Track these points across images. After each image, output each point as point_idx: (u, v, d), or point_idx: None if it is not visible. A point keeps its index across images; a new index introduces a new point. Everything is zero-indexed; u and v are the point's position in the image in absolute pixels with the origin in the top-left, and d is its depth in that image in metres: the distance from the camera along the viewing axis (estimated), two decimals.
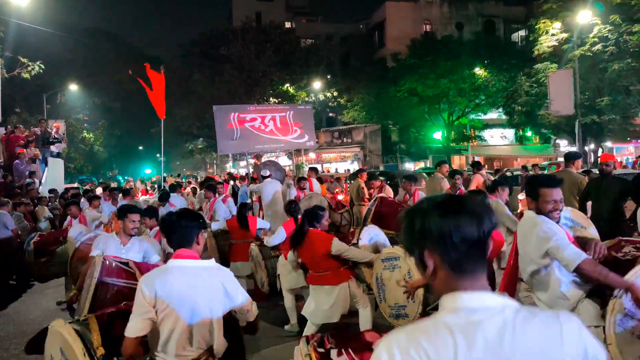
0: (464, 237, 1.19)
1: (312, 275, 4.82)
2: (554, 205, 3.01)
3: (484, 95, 29.79)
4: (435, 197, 1.29)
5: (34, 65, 16.96)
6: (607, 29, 19.89)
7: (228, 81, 31.17)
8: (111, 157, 43.20)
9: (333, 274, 4.69)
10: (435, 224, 1.21)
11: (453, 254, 1.20)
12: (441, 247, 1.21)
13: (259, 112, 13.56)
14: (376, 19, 40.84)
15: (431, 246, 1.23)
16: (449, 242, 1.20)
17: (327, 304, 4.68)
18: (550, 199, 3.01)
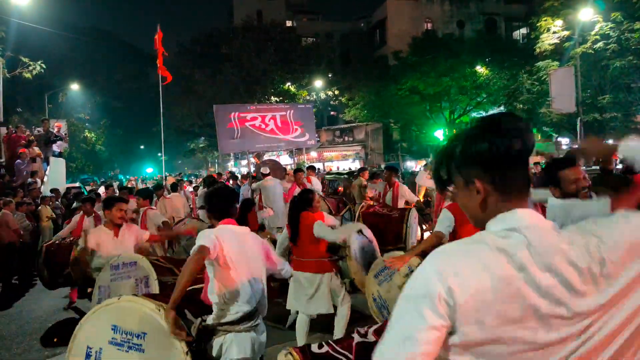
0: (515, 154, 1.16)
1: (295, 261, 4.69)
2: (578, 184, 2.93)
3: (486, 94, 29.73)
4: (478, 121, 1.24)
5: (35, 64, 16.98)
6: (608, 27, 19.82)
7: (229, 80, 31.20)
8: (113, 156, 43.24)
9: (316, 263, 4.61)
10: (487, 143, 1.16)
11: (508, 174, 1.18)
12: (494, 168, 1.17)
13: (260, 112, 13.58)
14: (377, 17, 40.80)
15: (482, 169, 1.18)
16: (504, 162, 1.16)
17: (307, 295, 4.58)
18: (574, 178, 2.93)
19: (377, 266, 4.44)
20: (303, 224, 4.64)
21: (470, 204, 1.24)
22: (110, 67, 40.46)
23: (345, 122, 35.85)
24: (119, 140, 43.35)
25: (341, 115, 37.26)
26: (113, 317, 2.71)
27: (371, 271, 4.43)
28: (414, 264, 4.05)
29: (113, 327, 2.69)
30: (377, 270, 4.40)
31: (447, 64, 27.97)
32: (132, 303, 2.74)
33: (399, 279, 4.21)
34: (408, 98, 29.77)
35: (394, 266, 3.96)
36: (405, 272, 4.18)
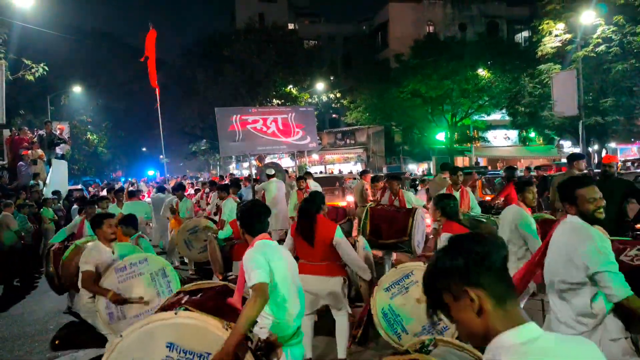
0: (503, 263, 1.27)
1: (306, 265, 4.47)
2: (595, 203, 2.88)
3: (488, 96, 29.74)
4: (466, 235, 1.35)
5: (38, 67, 17.01)
6: (610, 30, 19.83)
7: (231, 82, 31.25)
8: (115, 158, 43.25)
9: (330, 265, 4.52)
10: (480, 253, 1.25)
11: (500, 282, 1.26)
12: (488, 277, 1.25)
13: (261, 114, 13.59)
14: (379, 20, 40.85)
15: (476, 279, 1.25)
16: (496, 271, 1.25)
17: (317, 291, 4.50)
18: (591, 197, 2.88)
19: (387, 279, 4.10)
20: (320, 226, 4.56)
21: (465, 316, 1.28)
22: (112, 69, 40.48)
23: (347, 125, 35.87)
24: (121, 142, 43.36)
25: (343, 118, 37.29)
26: (168, 333, 2.46)
27: (380, 285, 4.10)
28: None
29: (169, 345, 2.44)
30: (388, 283, 4.08)
31: (449, 66, 27.99)
32: (193, 320, 2.50)
33: (417, 291, 3.92)
34: (410, 101, 29.79)
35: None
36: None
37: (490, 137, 34.07)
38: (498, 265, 1.26)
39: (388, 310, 4.01)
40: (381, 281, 4.10)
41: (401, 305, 3.96)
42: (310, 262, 4.50)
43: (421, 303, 3.82)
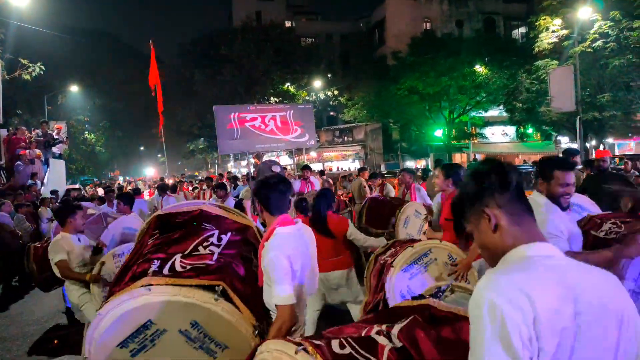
0: (519, 185, 1.42)
1: (324, 262, 4.33)
2: (566, 189, 2.93)
3: (485, 93, 29.74)
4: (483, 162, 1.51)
5: (35, 66, 16.98)
6: (607, 25, 19.81)
7: (229, 80, 31.23)
8: (112, 157, 43.25)
9: (345, 258, 4.70)
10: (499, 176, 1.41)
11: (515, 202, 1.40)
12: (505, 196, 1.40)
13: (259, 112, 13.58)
14: (376, 17, 40.81)
15: (494, 199, 1.41)
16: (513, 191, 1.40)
17: (338, 286, 4.64)
18: (564, 182, 2.91)
19: (404, 259, 3.76)
20: (333, 222, 4.71)
21: (485, 236, 1.42)
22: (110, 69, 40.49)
23: (345, 122, 35.88)
24: (119, 141, 43.36)
25: (340, 116, 37.30)
26: (199, 315, 2.40)
27: (396, 266, 3.76)
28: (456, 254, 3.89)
29: (193, 323, 2.40)
30: (407, 264, 3.76)
31: (446, 63, 27.99)
32: (230, 315, 2.42)
33: (436, 269, 3.82)
34: (407, 98, 29.79)
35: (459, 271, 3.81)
36: (445, 258, 3.87)
37: (488, 134, 34.09)
38: (513, 186, 1.40)
39: (407, 292, 3.72)
40: (397, 262, 3.75)
41: (421, 287, 3.70)
42: (327, 258, 4.57)
43: (441, 281, 3.72)
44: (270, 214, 2.80)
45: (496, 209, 1.39)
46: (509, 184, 1.39)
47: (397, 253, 3.93)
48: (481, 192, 1.41)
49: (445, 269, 3.84)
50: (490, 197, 1.40)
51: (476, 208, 1.43)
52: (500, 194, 1.39)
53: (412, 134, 33.63)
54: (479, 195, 1.42)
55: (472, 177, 1.46)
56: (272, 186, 2.78)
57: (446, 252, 3.88)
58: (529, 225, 1.38)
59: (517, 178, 1.41)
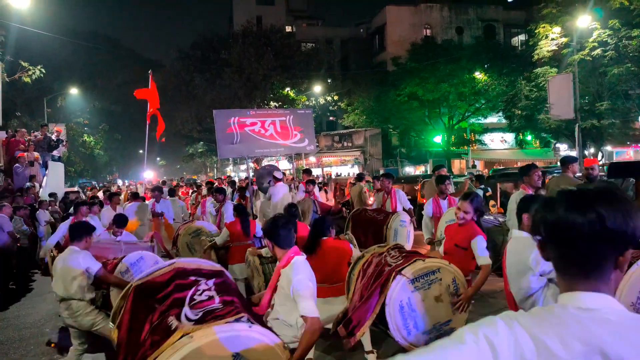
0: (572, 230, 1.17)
1: (327, 288, 4.45)
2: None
3: (484, 100, 29.85)
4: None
5: (35, 69, 16.98)
6: (606, 34, 19.91)
7: (228, 85, 31.26)
8: (111, 160, 43.22)
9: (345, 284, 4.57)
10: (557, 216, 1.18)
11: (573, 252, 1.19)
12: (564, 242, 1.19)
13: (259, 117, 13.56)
14: (376, 23, 40.95)
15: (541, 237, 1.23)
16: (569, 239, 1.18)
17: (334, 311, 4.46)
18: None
19: (413, 270, 3.82)
20: (334, 248, 4.61)
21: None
22: (109, 72, 40.53)
23: (344, 128, 35.92)
24: (118, 144, 43.35)
25: (340, 121, 37.35)
26: (240, 345, 2.51)
27: (407, 275, 3.83)
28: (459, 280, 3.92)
29: (235, 355, 2.49)
30: (415, 275, 3.81)
31: (446, 70, 28.10)
32: (263, 337, 2.59)
33: (438, 289, 3.86)
34: (407, 104, 29.87)
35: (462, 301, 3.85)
36: (449, 281, 3.91)
37: (487, 140, 34.16)
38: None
39: (406, 303, 3.78)
40: (406, 271, 3.80)
41: (419, 301, 3.81)
42: (331, 284, 4.54)
43: (438, 301, 3.82)
44: (281, 248, 3.25)
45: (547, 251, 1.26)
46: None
47: (404, 263, 3.92)
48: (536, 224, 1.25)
49: (446, 292, 3.87)
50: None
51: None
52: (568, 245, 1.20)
53: (411, 139, 33.69)
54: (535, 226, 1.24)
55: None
56: (282, 226, 3.25)
57: (452, 276, 3.91)
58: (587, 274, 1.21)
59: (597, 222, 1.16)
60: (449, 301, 3.86)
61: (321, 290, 4.34)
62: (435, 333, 3.79)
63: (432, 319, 3.81)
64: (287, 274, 3.11)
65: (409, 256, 4.10)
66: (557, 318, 1.13)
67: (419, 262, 3.87)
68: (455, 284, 3.91)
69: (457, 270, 3.95)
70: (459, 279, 3.93)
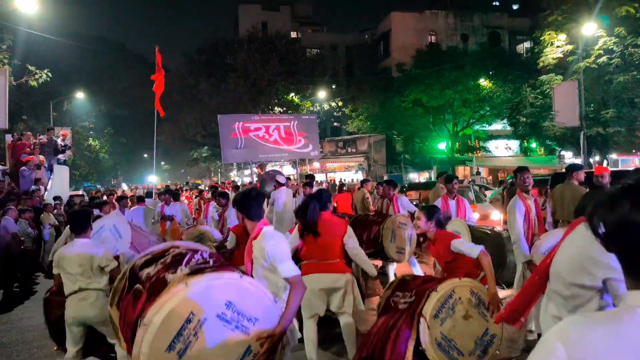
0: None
1: (316, 264, 4.41)
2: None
3: (489, 106, 29.82)
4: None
5: (42, 73, 17.08)
6: (612, 42, 19.87)
7: (233, 90, 31.35)
8: (116, 164, 43.38)
9: (341, 263, 4.51)
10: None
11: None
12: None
13: (264, 122, 13.62)
14: (381, 30, 41.04)
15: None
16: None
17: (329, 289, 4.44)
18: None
19: (431, 306, 3.71)
20: (330, 223, 4.54)
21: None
22: (115, 76, 40.75)
23: (349, 133, 35.93)
24: (123, 148, 43.52)
25: (344, 127, 37.37)
26: (232, 293, 2.61)
27: (426, 315, 3.71)
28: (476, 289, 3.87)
29: (227, 303, 2.58)
30: (435, 310, 3.71)
31: (451, 76, 28.10)
32: (253, 287, 2.73)
33: (462, 308, 3.79)
34: (411, 110, 29.88)
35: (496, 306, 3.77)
36: (467, 295, 3.83)
37: (492, 147, 34.09)
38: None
39: (442, 339, 3.71)
40: (426, 310, 3.71)
41: (451, 328, 3.75)
42: (321, 260, 4.45)
43: (468, 319, 3.78)
44: (251, 220, 3.31)
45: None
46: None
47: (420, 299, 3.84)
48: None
49: (469, 305, 3.83)
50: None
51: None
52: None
53: (415, 146, 33.66)
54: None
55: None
56: (254, 198, 3.35)
57: (468, 288, 3.87)
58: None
59: None
60: (478, 312, 3.82)
61: (310, 266, 4.41)
62: (480, 347, 3.76)
63: (471, 337, 3.77)
64: (259, 244, 3.18)
65: (421, 288, 3.99)
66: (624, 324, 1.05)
67: (433, 295, 3.77)
68: (475, 294, 3.86)
69: (469, 281, 3.92)
70: (475, 288, 3.88)
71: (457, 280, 3.91)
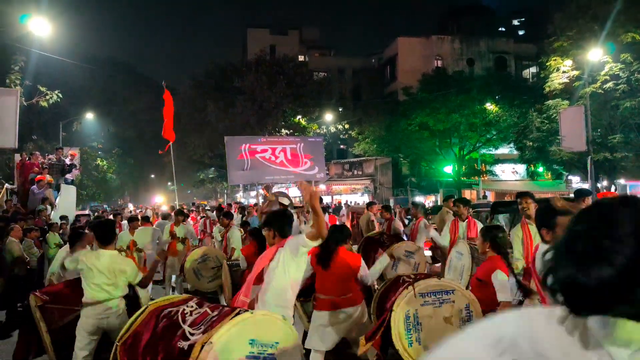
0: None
1: (331, 300, 4.38)
2: None
3: (495, 130, 29.85)
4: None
5: (53, 94, 17.31)
6: (618, 67, 19.94)
7: (241, 112, 31.61)
8: (123, 184, 43.57)
9: (355, 295, 4.50)
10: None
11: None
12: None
13: (270, 144, 13.69)
14: (388, 54, 41.46)
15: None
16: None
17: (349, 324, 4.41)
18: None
19: (426, 285, 3.86)
20: (344, 258, 4.56)
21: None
22: (125, 98, 41.21)
23: (355, 156, 36.01)
24: (131, 169, 43.77)
25: (351, 149, 37.48)
26: (252, 331, 2.82)
27: (421, 287, 3.86)
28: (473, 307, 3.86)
29: (251, 342, 2.80)
30: (426, 290, 3.85)
31: (457, 100, 28.23)
32: (265, 316, 2.99)
33: (449, 310, 3.84)
34: (418, 133, 29.96)
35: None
36: (461, 306, 3.87)
37: (498, 171, 34.01)
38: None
39: (413, 315, 3.81)
40: (418, 284, 3.87)
41: (427, 317, 3.83)
42: (337, 296, 4.42)
43: (446, 322, 3.81)
44: (282, 237, 3.72)
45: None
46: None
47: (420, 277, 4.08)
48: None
49: (457, 316, 3.84)
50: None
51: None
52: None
53: (422, 169, 33.65)
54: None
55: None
56: (288, 219, 3.89)
57: (466, 301, 3.87)
58: None
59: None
60: (459, 326, 3.80)
61: (326, 302, 4.43)
62: None
63: (436, 338, 3.75)
64: (289, 244, 3.59)
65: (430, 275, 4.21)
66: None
67: (434, 279, 4.00)
68: (469, 310, 3.85)
69: (473, 299, 3.89)
70: (473, 307, 3.86)
71: (463, 288, 4.01)
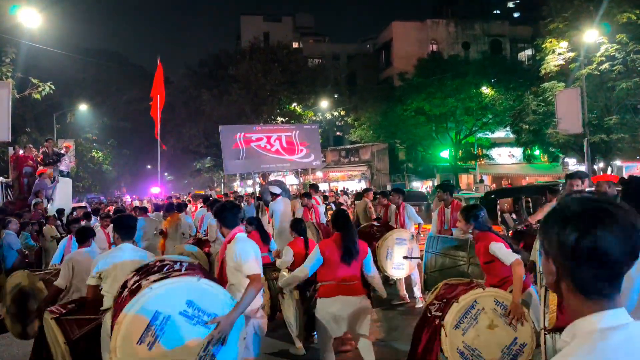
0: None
1: (337, 286, 4.31)
2: None
3: (491, 114, 29.79)
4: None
5: (45, 86, 17.13)
6: (614, 48, 19.84)
7: (236, 100, 31.43)
8: (119, 176, 43.43)
9: (359, 284, 4.45)
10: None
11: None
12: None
13: (265, 132, 13.59)
14: (383, 39, 41.20)
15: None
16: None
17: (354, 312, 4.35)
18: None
19: (452, 316, 3.80)
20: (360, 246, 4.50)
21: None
22: (118, 89, 40.85)
23: (351, 143, 35.96)
24: (126, 160, 43.57)
25: (347, 136, 37.41)
26: (192, 293, 3.03)
27: (446, 325, 3.80)
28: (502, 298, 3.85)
29: (188, 302, 2.99)
30: (456, 320, 3.79)
31: (453, 85, 28.13)
32: (210, 288, 3.15)
33: (486, 318, 3.81)
34: (414, 119, 29.89)
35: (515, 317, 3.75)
36: (492, 304, 3.84)
37: (495, 155, 34.00)
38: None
39: (465, 348, 3.77)
40: (446, 321, 3.80)
41: (475, 338, 3.78)
42: (342, 282, 4.33)
43: (493, 328, 3.78)
44: (227, 228, 3.86)
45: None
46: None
47: (445, 310, 3.92)
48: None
49: (494, 314, 3.82)
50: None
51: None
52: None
53: (418, 154, 33.63)
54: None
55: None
56: (228, 209, 3.92)
57: (492, 298, 3.86)
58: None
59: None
60: (504, 322, 3.80)
61: (331, 288, 4.34)
62: (508, 356, 3.77)
63: (497, 346, 3.79)
64: (231, 247, 3.69)
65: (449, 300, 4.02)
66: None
67: (454, 306, 3.85)
68: (500, 303, 3.84)
69: (494, 291, 3.91)
70: (500, 297, 3.86)
71: (480, 290, 3.92)
